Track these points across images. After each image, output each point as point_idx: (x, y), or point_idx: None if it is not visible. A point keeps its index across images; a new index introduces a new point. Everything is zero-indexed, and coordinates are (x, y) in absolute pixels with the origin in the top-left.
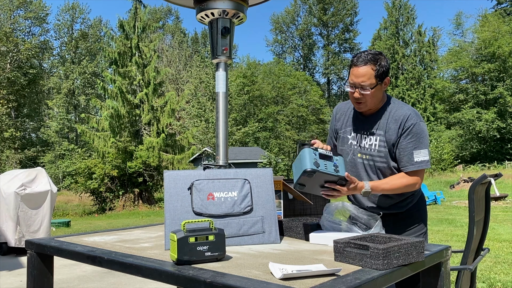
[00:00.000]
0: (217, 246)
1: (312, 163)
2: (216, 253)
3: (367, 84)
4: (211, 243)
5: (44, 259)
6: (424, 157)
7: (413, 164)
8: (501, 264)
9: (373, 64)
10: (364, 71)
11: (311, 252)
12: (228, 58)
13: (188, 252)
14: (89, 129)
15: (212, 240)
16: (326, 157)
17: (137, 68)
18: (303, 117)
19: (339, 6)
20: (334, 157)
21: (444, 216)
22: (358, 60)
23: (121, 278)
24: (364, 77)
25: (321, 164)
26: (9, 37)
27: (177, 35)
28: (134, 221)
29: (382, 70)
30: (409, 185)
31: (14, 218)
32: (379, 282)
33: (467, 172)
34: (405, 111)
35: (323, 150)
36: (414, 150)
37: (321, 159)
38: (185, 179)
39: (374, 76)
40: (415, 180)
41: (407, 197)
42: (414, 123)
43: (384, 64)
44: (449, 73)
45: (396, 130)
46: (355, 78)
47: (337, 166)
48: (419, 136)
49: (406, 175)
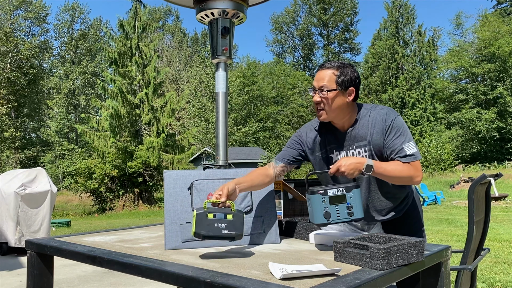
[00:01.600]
0: (235, 225)
1: (322, 215)
2: (233, 232)
3: (325, 87)
4: (229, 222)
5: (44, 259)
6: (413, 150)
7: (407, 157)
8: (501, 264)
9: (336, 70)
10: (324, 74)
11: (311, 252)
12: (228, 58)
13: (205, 226)
14: (89, 129)
15: (230, 219)
16: (338, 199)
17: (137, 68)
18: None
19: (339, 6)
20: (348, 195)
21: (444, 216)
22: (323, 65)
23: (121, 278)
24: (323, 80)
25: (333, 213)
26: (9, 37)
27: (177, 35)
28: (134, 221)
29: (344, 78)
30: (410, 175)
31: (14, 218)
32: (379, 282)
33: (467, 172)
34: (380, 111)
35: (333, 190)
36: (403, 144)
37: (332, 204)
38: (185, 179)
39: (334, 81)
40: (417, 172)
41: (402, 200)
42: (392, 119)
43: (349, 73)
44: (449, 73)
45: (380, 133)
46: (316, 81)
47: (351, 207)
48: (401, 131)
49: (408, 165)
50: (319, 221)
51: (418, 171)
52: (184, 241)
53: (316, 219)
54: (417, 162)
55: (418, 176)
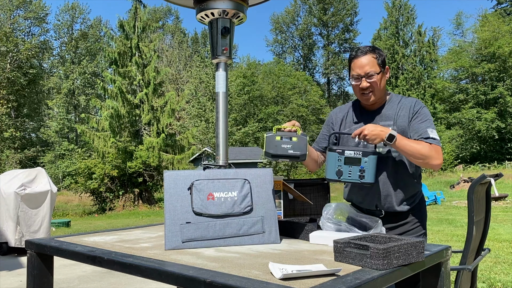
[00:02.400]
0: (300, 146)
1: (335, 172)
2: (298, 152)
3: (372, 71)
4: (294, 143)
5: (44, 259)
6: (437, 137)
7: (430, 138)
8: (501, 264)
9: (373, 53)
10: (367, 60)
11: (311, 252)
12: (228, 58)
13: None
14: (89, 129)
15: (295, 141)
16: (353, 161)
17: (137, 68)
18: (303, 117)
19: (339, 6)
20: (363, 159)
21: (444, 216)
22: (358, 52)
23: (121, 278)
24: (367, 65)
25: (345, 172)
26: (9, 37)
27: (177, 35)
28: (134, 221)
29: (382, 58)
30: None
31: (14, 218)
32: (379, 282)
33: (467, 172)
34: (411, 99)
35: (351, 152)
36: (427, 128)
37: (346, 165)
38: (185, 179)
39: (377, 64)
40: (437, 155)
41: (411, 196)
42: (421, 106)
43: (382, 53)
44: (449, 73)
45: (407, 116)
46: (359, 69)
47: (364, 170)
48: (427, 118)
49: (430, 146)
50: (330, 176)
51: (439, 154)
52: (184, 241)
53: (328, 175)
54: (438, 147)
55: (438, 159)
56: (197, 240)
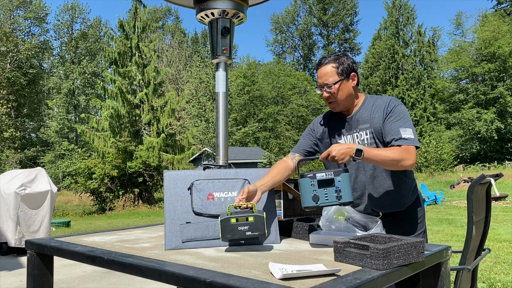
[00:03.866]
0: (257, 226)
1: (311, 198)
2: (256, 232)
3: (330, 81)
4: (251, 224)
5: (44, 259)
6: (410, 135)
7: (401, 139)
8: (501, 264)
9: (333, 62)
10: (325, 70)
11: (311, 252)
12: (228, 58)
13: (230, 231)
14: (89, 129)
15: (252, 221)
16: (327, 183)
17: (137, 68)
18: (303, 117)
19: (339, 6)
20: (336, 179)
21: (444, 216)
22: (320, 62)
23: (121, 278)
24: (326, 75)
25: (321, 196)
26: (9, 37)
27: (177, 35)
28: (134, 221)
29: (343, 67)
30: (400, 158)
31: (14, 218)
32: (379, 282)
33: (467, 172)
34: (385, 98)
35: (322, 174)
36: (400, 128)
37: (321, 188)
38: (185, 179)
39: (336, 73)
40: (408, 155)
41: (405, 194)
42: (395, 105)
43: (345, 61)
44: (449, 73)
45: (380, 117)
46: (319, 78)
47: (340, 190)
48: (402, 116)
49: (399, 148)
50: (308, 204)
51: (409, 155)
52: (184, 241)
53: (305, 202)
54: (410, 146)
55: (409, 159)
56: (197, 240)
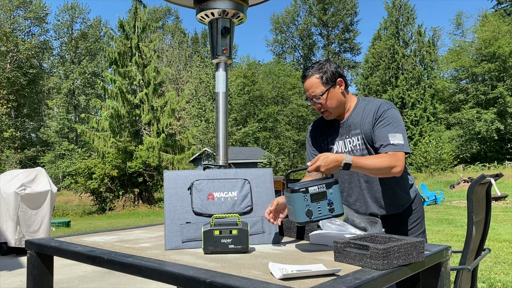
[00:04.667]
0: (240, 239)
1: (304, 213)
2: (239, 246)
3: (317, 93)
4: (234, 237)
5: (44, 259)
6: (400, 141)
7: (389, 146)
8: (501, 264)
9: (317, 73)
10: (310, 82)
11: (311, 252)
12: (228, 58)
13: (212, 243)
14: (89, 129)
15: (235, 234)
16: (319, 197)
17: (137, 68)
18: (303, 117)
19: (339, 6)
20: (328, 192)
21: (444, 216)
22: (304, 75)
23: (121, 278)
24: (312, 88)
25: (314, 211)
26: (9, 37)
27: (177, 35)
28: (134, 221)
29: (327, 76)
30: (389, 166)
31: (14, 218)
32: (379, 282)
33: (467, 172)
34: (376, 102)
35: (314, 188)
36: (389, 134)
37: (314, 202)
38: (185, 179)
39: (321, 83)
40: (395, 162)
41: (402, 195)
42: (385, 109)
43: (328, 69)
44: (449, 73)
45: (370, 122)
46: (306, 91)
47: (332, 203)
48: (392, 121)
49: (386, 155)
50: (302, 219)
51: (398, 161)
52: (184, 241)
53: (298, 218)
54: (399, 153)
55: (398, 166)
56: (197, 240)
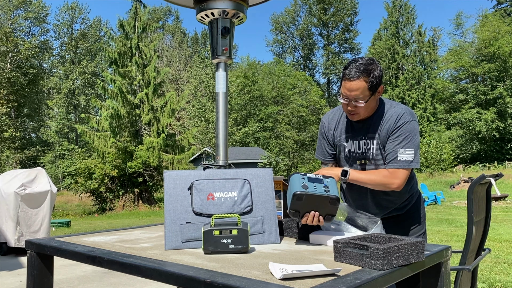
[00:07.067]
0: (241, 240)
1: (301, 186)
2: (239, 246)
3: (360, 98)
4: (234, 237)
5: (44, 259)
6: (408, 157)
7: (395, 163)
8: (501, 264)
9: (366, 77)
10: (357, 85)
11: (311, 252)
12: (228, 58)
13: (212, 243)
14: (89, 129)
15: (235, 234)
16: (316, 180)
17: (137, 68)
18: (303, 117)
19: (339, 6)
20: (325, 180)
21: (444, 216)
22: (350, 74)
23: (121, 278)
24: (357, 91)
25: (310, 187)
26: (9, 37)
27: (177, 35)
28: (134, 221)
29: (375, 82)
30: (385, 183)
31: (14, 218)
32: (379, 282)
33: (467, 172)
34: (398, 110)
35: (312, 174)
36: (399, 149)
37: (310, 182)
38: (185, 179)
39: (367, 89)
40: (393, 180)
41: (406, 199)
42: (405, 122)
43: (377, 74)
44: (449, 73)
45: (387, 130)
46: (348, 91)
47: (328, 187)
48: (407, 135)
49: (386, 172)
50: (297, 189)
51: (395, 179)
52: (184, 241)
53: (295, 189)
54: (399, 170)
55: (392, 184)
56: (197, 240)
